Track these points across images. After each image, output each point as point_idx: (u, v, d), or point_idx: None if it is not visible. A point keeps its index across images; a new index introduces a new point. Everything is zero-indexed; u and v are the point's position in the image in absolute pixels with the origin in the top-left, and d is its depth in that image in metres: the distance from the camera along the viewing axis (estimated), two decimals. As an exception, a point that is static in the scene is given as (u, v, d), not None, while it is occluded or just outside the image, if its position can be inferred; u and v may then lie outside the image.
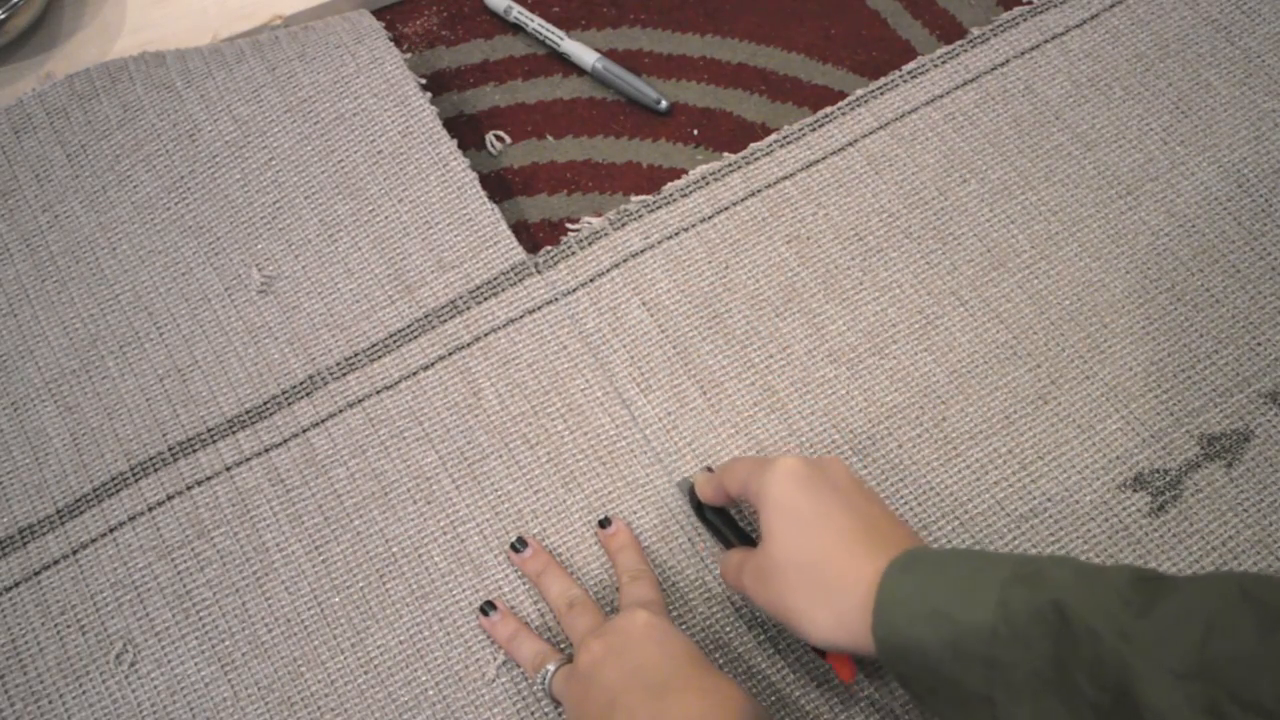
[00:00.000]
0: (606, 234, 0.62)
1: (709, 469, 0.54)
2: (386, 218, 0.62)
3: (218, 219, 0.63)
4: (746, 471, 0.48)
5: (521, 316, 0.60)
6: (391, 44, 0.66)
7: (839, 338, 0.58)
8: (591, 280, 0.61)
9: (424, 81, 0.66)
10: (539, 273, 0.61)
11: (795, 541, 0.45)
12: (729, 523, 0.53)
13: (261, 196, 0.63)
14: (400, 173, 0.63)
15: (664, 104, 0.66)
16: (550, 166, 0.66)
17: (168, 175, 0.64)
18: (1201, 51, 0.64)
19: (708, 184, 0.63)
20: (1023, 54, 0.65)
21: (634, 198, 0.63)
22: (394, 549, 0.55)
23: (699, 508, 0.54)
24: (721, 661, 0.51)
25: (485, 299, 0.60)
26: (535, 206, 0.65)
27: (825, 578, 0.44)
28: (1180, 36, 0.65)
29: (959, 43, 0.66)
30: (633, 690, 0.44)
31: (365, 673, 0.53)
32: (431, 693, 0.52)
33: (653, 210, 0.62)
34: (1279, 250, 0.59)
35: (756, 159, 0.63)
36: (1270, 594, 0.35)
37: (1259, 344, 0.57)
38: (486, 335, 0.59)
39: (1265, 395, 0.55)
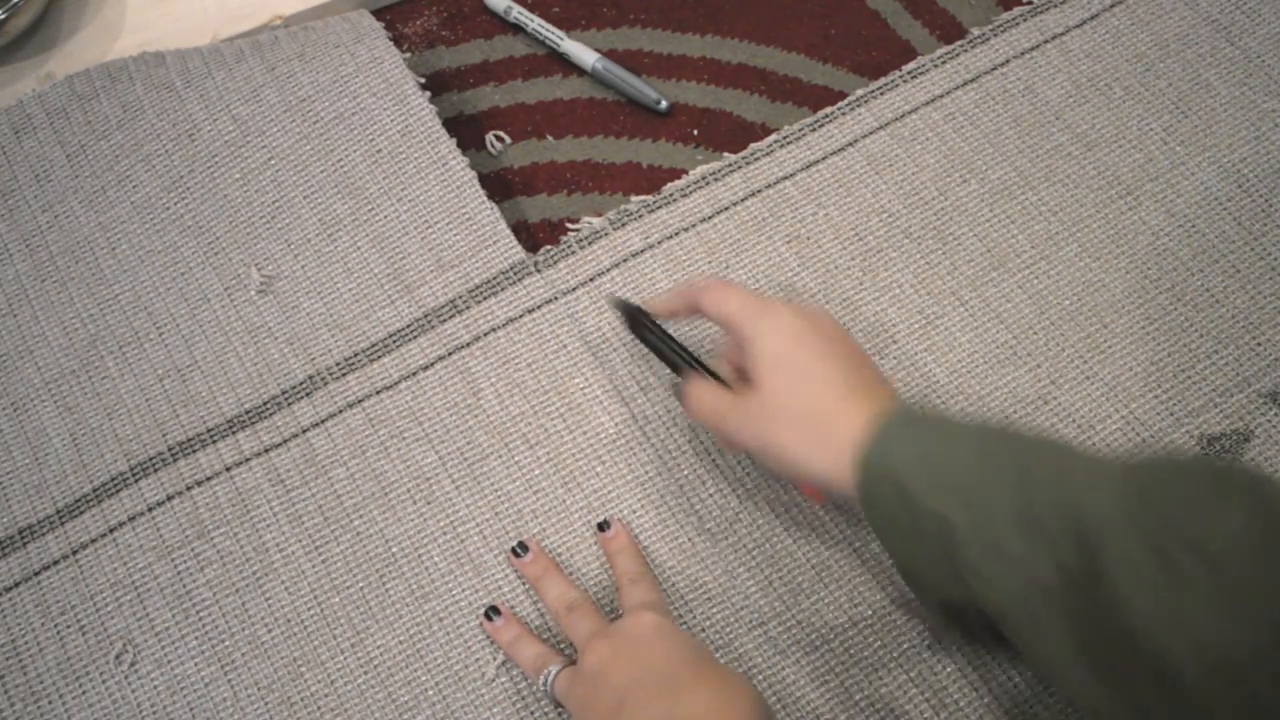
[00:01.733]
0: (606, 234, 0.62)
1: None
2: (386, 217, 0.62)
3: (217, 219, 0.63)
4: (739, 300, 0.49)
5: (521, 316, 0.60)
6: (391, 44, 0.66)
7: (839, 338, 0.58)
8: (591, 280, 0.61)
9: (423, 81, 0.66)
10: (538, 272, 0.61)
11: (791, 389, 0.47)
12: (674, 345, 0.53)
13: (261, 196, 0.63)
14: (399, 172, 0.63)
15: (664, 104, 0.66)
16: (550, 166, 0.66)
17: (167, 175, 0.64)
18: (1201, 52, 0.64)
19: (708, 184, 0.63)
20: (1023, 54, 0.65)
21: (634, 198, 0.63)
22: (394, 549, 0.55)
23: (638, 326, 0.54)
24: (722, 661, 0.51)
25: (485, 298, 0.60)
26: (535, 206, 0.65)
27: (819, 424, 0.46)
28: (1180, 37, 0.65)
29: (959, 43, 0.66)
30: (641, 690, 0.44)
31: (365, 673, 0.53)
32: (431, 693, 0.52)
33: (653, 210, 0.62)
34: (1279, 250, 0.59)
35: (756, 159, 0.63)
36: (1236, 472, 0.38)
37: (1259, 344, 0.57)
38: (486, 335, 0.59)
39: (1265, 395, 0.55)
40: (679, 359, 0.53)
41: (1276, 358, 0.56)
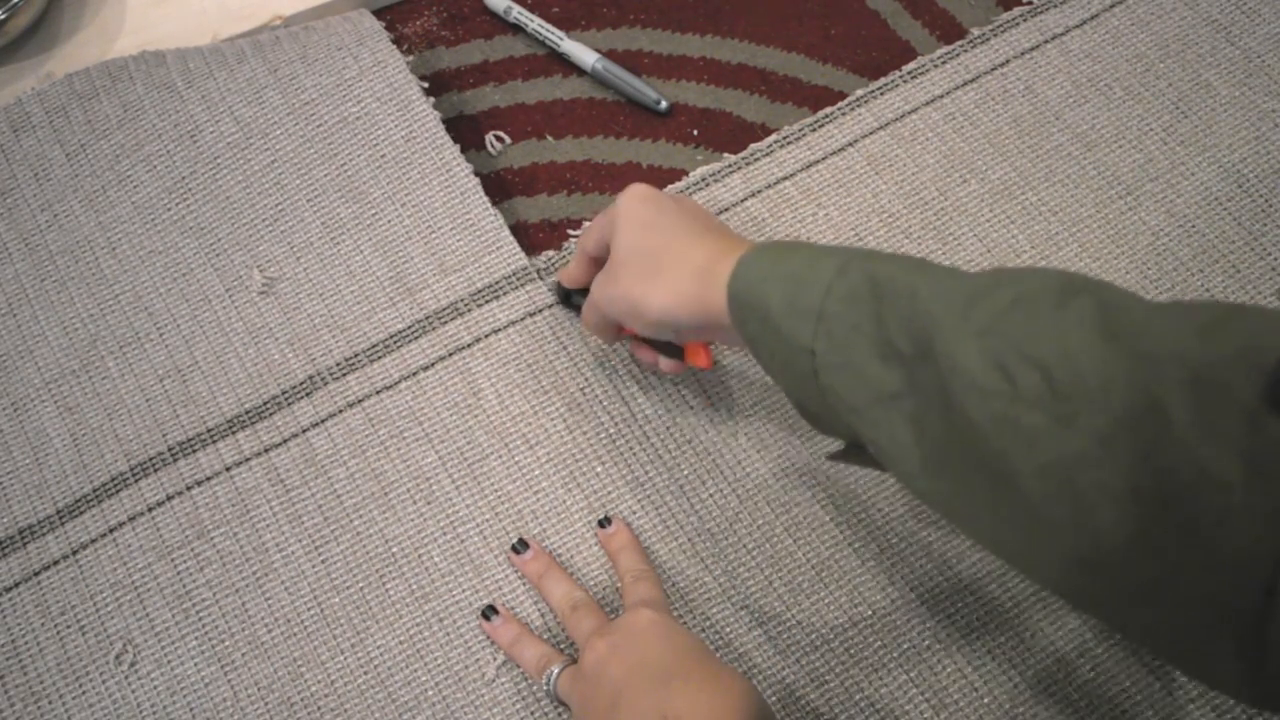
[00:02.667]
0: (607, 235, 0.62)
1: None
2: (389, 221, 0.62)
3: (219, 220, 0.63)
4: (600, 219, 0.52)
5: (523, 319, 0.60)
6: (394, 47, 0.66)
7: (839, 338, 0.58)
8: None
9: (426, 85, 0.66)
10: (540, 278, 0.61)
11: (636, 238, 0.49)
12: None
13: (263, 198, 0.63)
14: (403, 176, 0.63)
15: (664, 104, 0.66)
16: (550, 167, 0.66)
17: (168, 175, 0.64)
18: (1201, 52, 0.64)
19: (707, 185, 0.63)
20: (1023, 54, 0.65)
21: (634, 198, 0.63)
22: (394, 549, 0.55)
23: (566, 296, 0.57)
24: (723, 659, 0.51)
25: (486, 302, 0.60)
26: (535, 207, 0.65)
27: (660, 262, 0.48)
28: (1180, 37, 0.65)
29: (959, 43, 0.66)
30: (637, 683, 0.44)
31: (365, 673, 0.53)
32: (431, 693, 0.52)
33: (653, 211, 0.62)
34: (1279, 250, 0.59)
35: (756, 159, 0.63)
36: (1079, 280, 0.38)
37: (1259, 344, 0.56)
38: (487, 336, 0.59)
39: (1265, 395, 0.55)
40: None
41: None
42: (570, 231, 0.63)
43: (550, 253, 0.62)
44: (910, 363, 0.39)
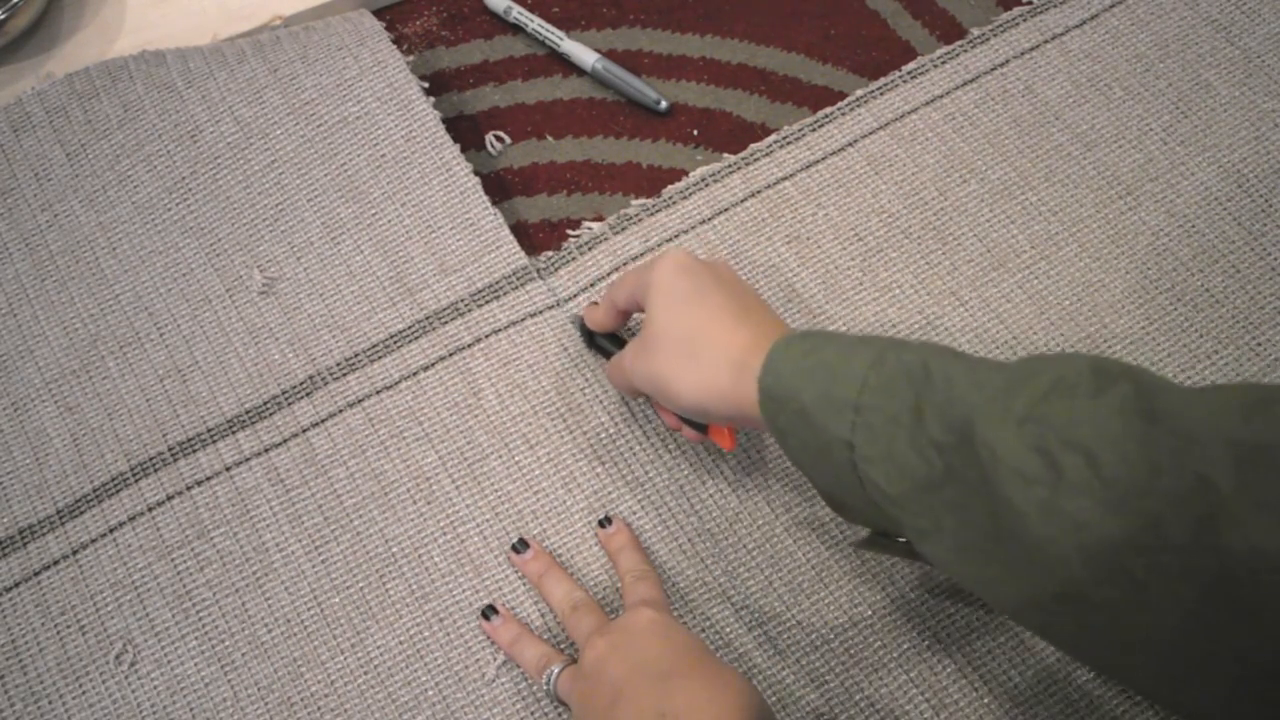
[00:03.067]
0: (606, 238, 0.62)
1: (595, 303, 0.56)
2: (389, 221, 0.62)
3: (219, 220, 0.63)
4: (635, 276, 0.51)
5: (523, 319, 0.60)
6: (394, 47, 0.66)
7: (839, 338, 0.58)
8: (593, 285, 0.61)
9: (426, 85, 0.66)
10: (540, 278, 0.61)
11: (672, 314, 0.48)
12: (620, 343, 0.55)
13: (263, 198, 0.63)
14: (403, 176, 0.63)
15: (664, 104, 0.66)
16: (550, 167, 0.66)
17: (168, 175, 0.64)
18: (1201, 52, 0.64)
19: (707, 185, 0.63)
20: (1022, 54, 0.65)
21: (634, 198, 0.63)
22: (394, 549, 0.55)
23: (590, 337, 0.57)
24: (723, 659, 0.51)
25: (486, 302, 0.60)
26: (535, 207, 0.65)
27: (695, 346, 0.47)
28: (1180, 37, 0.65)
29: (959, 43, 0.66)
30: (637, 681, 0.44)
31: (365, 673, 0.53)
32: (431, 693, 0.52)
33: (652, 214, 0.62)
34: (1279, 250, 0.59)
35: (756, 160, 0.64)
36: (1114, 366, 0.38)
37: (1259, 344, 0.57)
38: (487, 336, 0.59)
39: (1265, 395, 0.55)
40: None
41: (1276, 358, 0.56)
42: (569, 231, 0.63)
43: (549, 253, 0.62)
44: (949, 451, 0.39)
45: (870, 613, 0.52)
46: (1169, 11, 0.66)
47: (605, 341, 0.57)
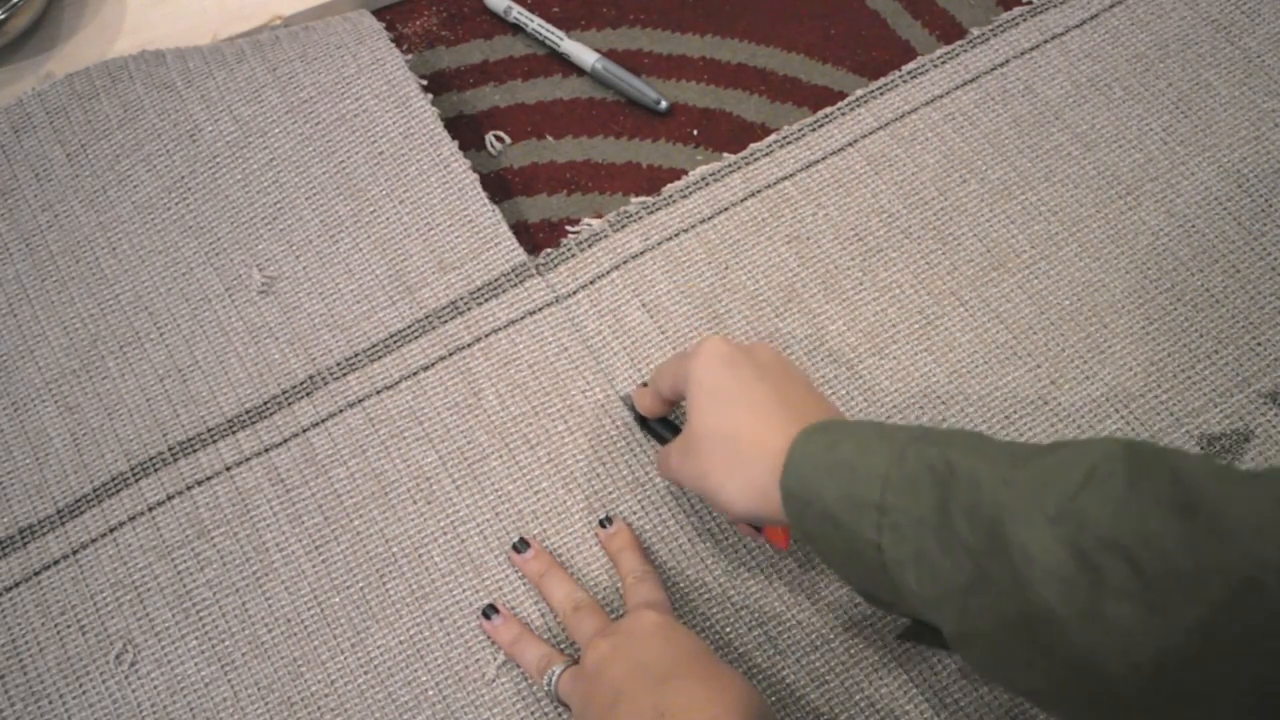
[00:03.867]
0: (606, 235, 0.62)
1: (645, 384, 0.55)
2: (387, 219, 0.62)
3: (218, 219, 0.63)
4: (675, 366, 0.50)
5: (522, 318, 0.60)
6: (393, 45, 0.66)
7: (839, 338, 0.58)
8: (592, 282, 0.61)
9: (425, 83, 0.66)
10: (539, 275, 0.61)
11: (714, 416, 0.46)
12: (670, 427, 0.55)
13: (262, 197, 0.63)
14: (401, 174, 0.63)
15: (664, 104, 0.66)
16: (550, 167, 0.66)
17: (168, 175, 0.64)
18: (1201, 51, 0.64)
19: (707, 185, 0.63)
20: (1023, 54, 0.65)
21: (634, 198, 0.63)
22: (394, 549, 0.55)
23: (642, 421, 0.56)
24: (724, 660, 0.51)
25: (486, 300, 0.60)
26: (535, 207, 0.65)
27: (740, 448, 0.45)
28: (1180, 36, 0.65)
29: (959, 43, 0.66)
30: (637, 683, 0.44)
31: (365, 673, 0.53)
32: (431, 693, 0.52)
33: (652, 212, 0.62)
34: (1279, 250, 0.59)
35: (756, 159, 0.64)
36: (1146, 450, 0.36)
37: (1259, 344, 0.57)
38: (487, 336, 0.59)
39: (1265, 395, 0.55)
40: (671, 439, 0.53)
41: (1276, 358, 0.56)
42: (569, 228, 0.63)
43: (550, 250, 0.62)
44: (980, 555, 0.37)
45: (870, 613, 0.52)
46: (1169, 11, 0.66)
47: (656, 425, 0.55)
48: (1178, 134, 0.62)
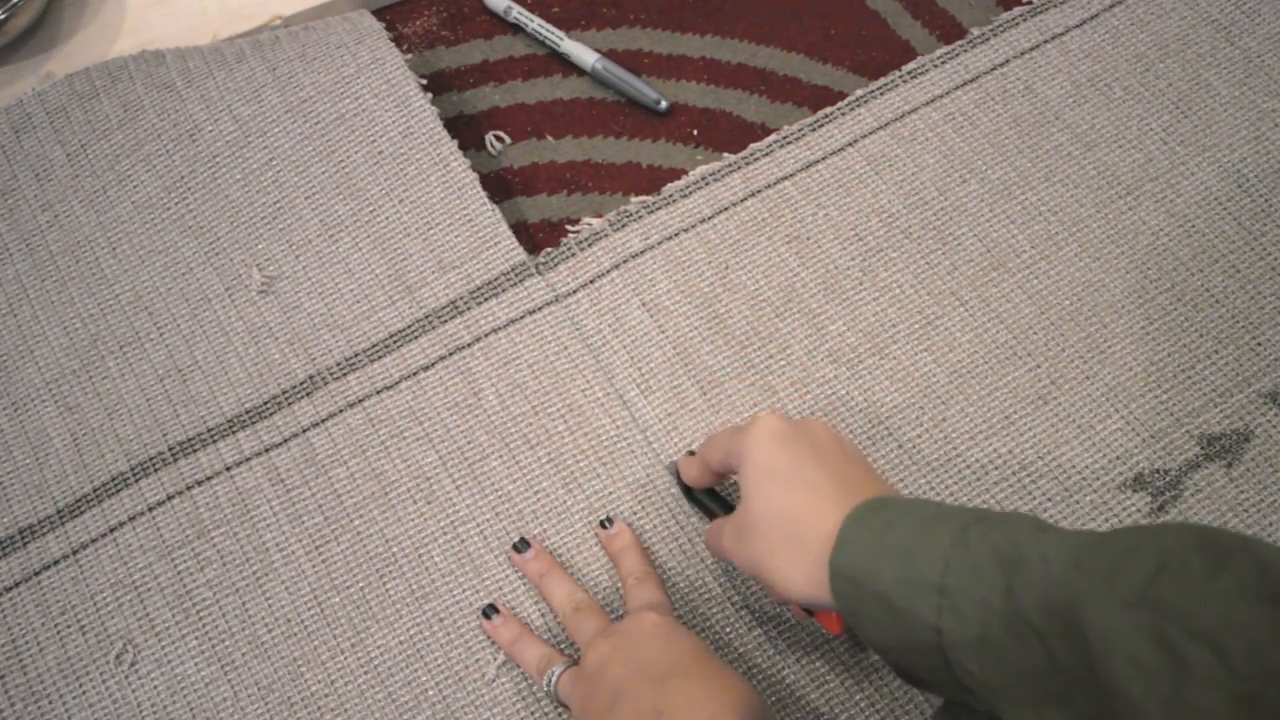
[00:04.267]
0: (606, 235, 0.62)
1: (691, 452, 0.54)
2: (387, 218, 0.62)
3: (218, 219, 0.63)
4: (727, 440, 0.49)
5: (522, 317, 0.60)
6: (392, 44, 0.66)
7: (839, 338, 0.58)
8: (592, 281, 0.61)
9: (424, 82, 0.66)
10: (539, 274, 0.61)
11: (770, 498, 0.45)
12: (718, 500, 0.54)
13: (262, 197, 0.63)
14: (401, 173, 0.63)
15: (664, 104, 0.66)
16: (550, 167, 0.66)
17: (168, 175, 0.64)
18: (1201, 52, 0.64)
19: (707, 184, 0.63)
20: (1023, 54, 0.65)
21: (634, 198, 0.63)
22: (394, 549, 0.55)
23: (688, 491, 0.54)
24: (723, 660, 0.51)
25: (486, 299, 0.60)
26: (535, 207, 0.65)
27: (797, 532, 0.44)
28: (1180, 37, 0.65)
29: (959, 43, 0.66)
30: (637, 683, 0.44)
31: (365, 673, 0.53)
32: (431, 693, 0.52)
33: (652, 211, 0.62)
34: (1279, 250, 0.59)
35: (756, 159, 0.63)
36: (1224, 538, 0.35)
37: (1259, 344, 0.57)
38: (487, 335, 0.59)
39: (1265, 395, 0.55)
40: (718, 511, 0.53)
41: (1276, 358, 0.56)
42: (569, 228, 0.63)
43: (550, 250, 0.62)
44: (1051, 639, 0.36)
45: (870, 613, 0.52)
46: (1169, 11, 0.66)
47: (704, 498, 0.54)
48: (1178, 134, 0.62)
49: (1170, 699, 0.33)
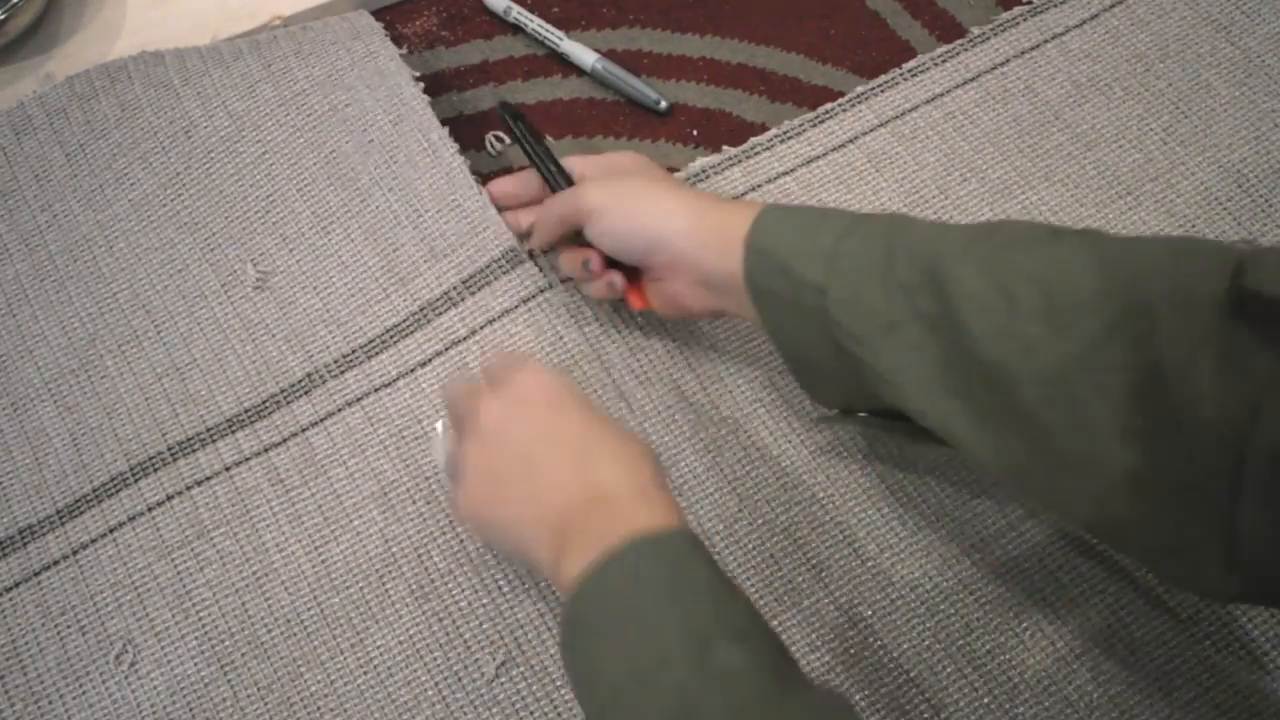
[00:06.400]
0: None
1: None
2: (378, 207, 0.62)
3: (213, 214, 0.63)
4: (559, 210, 0.54)
5: (516, 306, 0.59)
6: (388, 40, 0.66)
7: (839, 338, 0.58)
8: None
9: (418, 75, 0.65)
10: (531, 258, 0.60)
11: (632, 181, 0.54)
12: (544, 152, 0.58)
13: (255, 190, 0.63)
14: (390, 161, 0.63)
15: (664, 104, 0.66)
16: (550, 166, 0.66)
17: (164, 172, 0.64)
18: (1201, 52, 0.64)
19: (707, 177, 0.63)
20: (1023, 53, 0.65)
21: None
22: (394, 549, 0.55)
23: (517, 125, 0.60)
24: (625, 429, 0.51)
25: (479, 288, 0.60)
26: (535, 206, 0.65)
27: (658, 205, 0.52)
28: (1180, 37, 0.65)
29: (959, 41, 0.66)
30: (556, 455, 0.45)
31: (365, 673, 0.53)
32: (431, 693, 0.52)
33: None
34: (1279, 250, 0.59)
35: (757, 154, 0.63)
36: (1065, 227, 0.43)
37: (1259, 344, 0.56)
38: (482, 328, 0.59)
39: (1265, 395, 0.55)
40: (550, 172, 0.57)
41: (1276, 358, 0.56)
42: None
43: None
44: (915, 292, 0.42)
45: (870, 613, 0.52)
46: (1169, 12, 0.66)
47: (533, 147, 0.58)
48: (1178, 134, 0.62)
49: (1001, 329, 0.40)
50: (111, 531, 0.56)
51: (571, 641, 0.41)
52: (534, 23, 0.69)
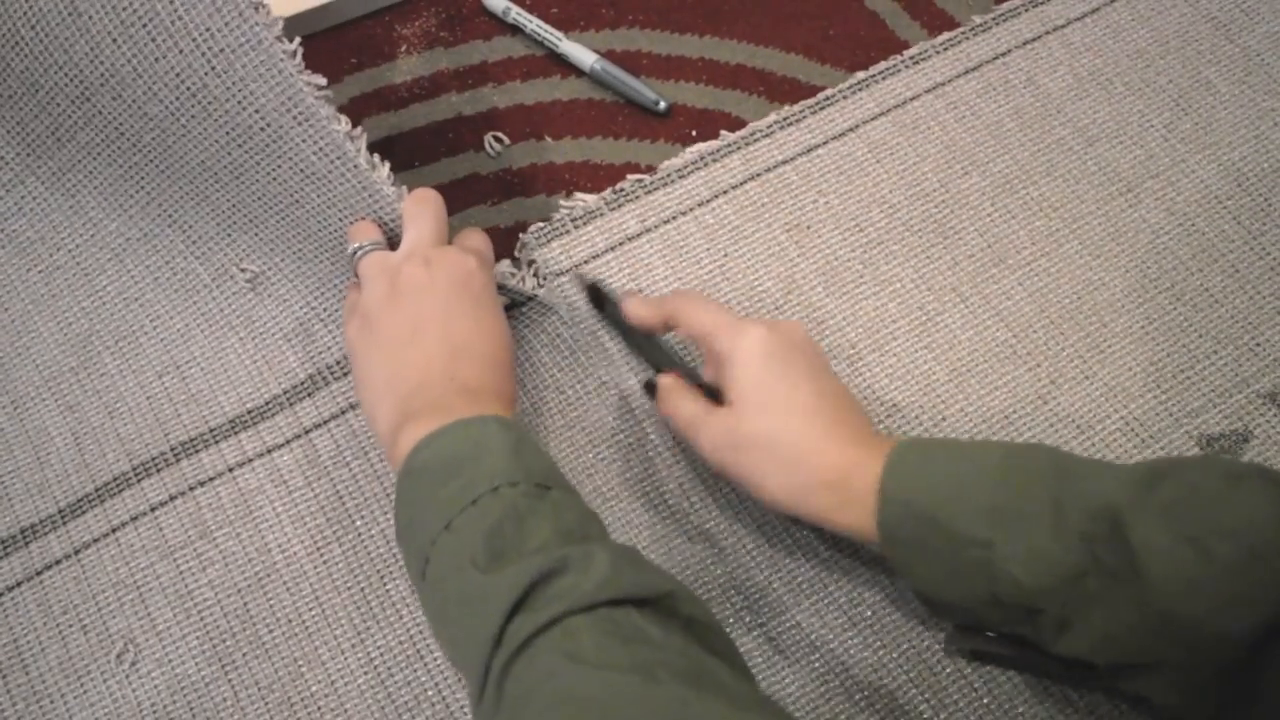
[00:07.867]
0: (602, 214, 0.62)
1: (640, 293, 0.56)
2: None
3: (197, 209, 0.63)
4: (714, 322, 0.50)
5: (511, 307, 0.59)
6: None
7: (838, 333, 0.58)
8: (585, 262, 0.60)
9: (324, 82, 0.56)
10: (523, 263, 0.60)
11: (767, 418, 0.47)
12: (663, 354, 0.54)
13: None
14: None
15: (663, 105, 0.66)
16: (549, 168, 0.66)
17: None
18: (1202, 49, 0.64)
19: (706, 165, 0.63)
20: (1024, 44, 0.65)
21: (630, 177, 0.63)
22: (395, 549, 0.55)
23: (598, 300, 0.56)
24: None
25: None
26: (535, 208, 0.65)
27: (796, 458, 0.47)
28: (1180, 33, 0.65)
29: (960, 29, 0.66)
30: (439, 331, 0.49)
31: (365, 673, 0.53)
32: (431, 693, 0.52)
33: (650, 191, 0.62)
34: (1278, 250, 0.59)
35: (756, 140, 0.63)
36: (1242, 464, 0.41)
37: (1259, 344, 0.56)
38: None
39: (1265, 395, 0.55)
40: (657, 354, 0.54)
41: (1276, 358, 0.56)
42: (562, 204, 0.63)
43: (541, 224, 0.61)
44: (1098, 542, 0.40)
45: (870, 613, 0.52)
46: (1169, 8, 0.66)
47: (644, 342, 0.54)
48: (1178, 131, 0.62)
49: (1196, 584, 0.38)
50: (114, 531, 0.56)
51: (404, 496, 0.45)
52: (533, 23, 0.69)
